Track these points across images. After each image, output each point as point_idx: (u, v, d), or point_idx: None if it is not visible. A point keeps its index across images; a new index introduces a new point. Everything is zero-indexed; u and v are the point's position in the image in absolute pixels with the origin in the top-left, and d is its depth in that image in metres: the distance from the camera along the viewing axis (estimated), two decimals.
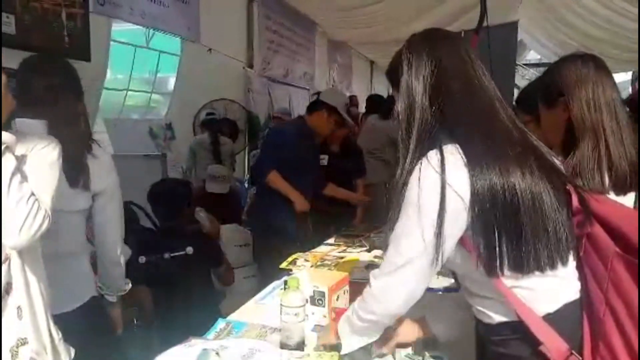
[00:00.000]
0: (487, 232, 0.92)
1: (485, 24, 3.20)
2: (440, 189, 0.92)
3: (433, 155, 0.95)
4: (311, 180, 2.99)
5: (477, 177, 0.91)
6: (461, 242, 0.96)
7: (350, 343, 1.20)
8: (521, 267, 0.92)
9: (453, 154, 0.94)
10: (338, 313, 1.33)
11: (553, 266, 0.94)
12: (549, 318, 0.94)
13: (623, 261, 0.87)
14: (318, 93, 3.36)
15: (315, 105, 2.97)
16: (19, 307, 1.20)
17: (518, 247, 0.92)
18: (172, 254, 2.41)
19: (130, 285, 1.82)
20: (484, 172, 0.91)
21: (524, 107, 1.68)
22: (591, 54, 1.40)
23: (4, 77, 1.12)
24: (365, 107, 4.86)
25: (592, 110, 1.27)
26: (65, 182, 1.47)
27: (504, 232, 0.91)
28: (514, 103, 1.82)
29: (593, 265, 0.94)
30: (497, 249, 0.92)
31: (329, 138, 3.27)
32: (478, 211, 0.91)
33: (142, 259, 2.41)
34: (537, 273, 0.93)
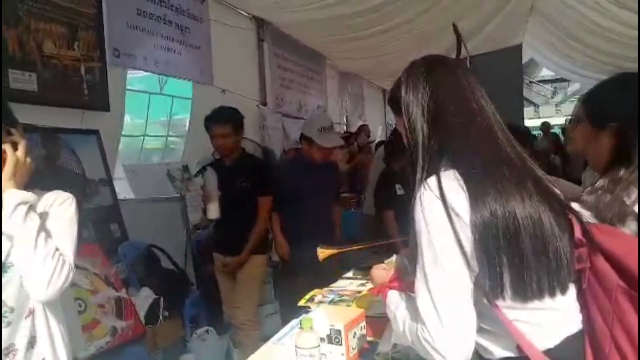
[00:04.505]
0: (488, 258, 0.90)
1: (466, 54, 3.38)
2: (444, 212, 0.91)
3: (432, 181, 0.95)
4: (325, 208, 3.04)
5: (476, 203, 0.90)
6: None
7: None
8: (523, 293, 0.90)
9: (452, 180, 0.94)
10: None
11: (552, 293, 0.91)
12: (550, 353, 0.91)
13: (626, 295, 0.86)
14: None
15: (300, 137, 3.07)
16: (43, 359, 1.25)
17: (520, 273, 0.90)
18: None
19: None
20: (483, 198, 0.91)
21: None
22: (632, 74, 1.33)
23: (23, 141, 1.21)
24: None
25: None
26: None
27: (505, 258, 0.89)
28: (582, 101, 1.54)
29: (598, 298, 0.92)
30: (499, 274, 0.90)
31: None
32: (478, 238, 0.90)
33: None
34: (536, 303, 0.91)
